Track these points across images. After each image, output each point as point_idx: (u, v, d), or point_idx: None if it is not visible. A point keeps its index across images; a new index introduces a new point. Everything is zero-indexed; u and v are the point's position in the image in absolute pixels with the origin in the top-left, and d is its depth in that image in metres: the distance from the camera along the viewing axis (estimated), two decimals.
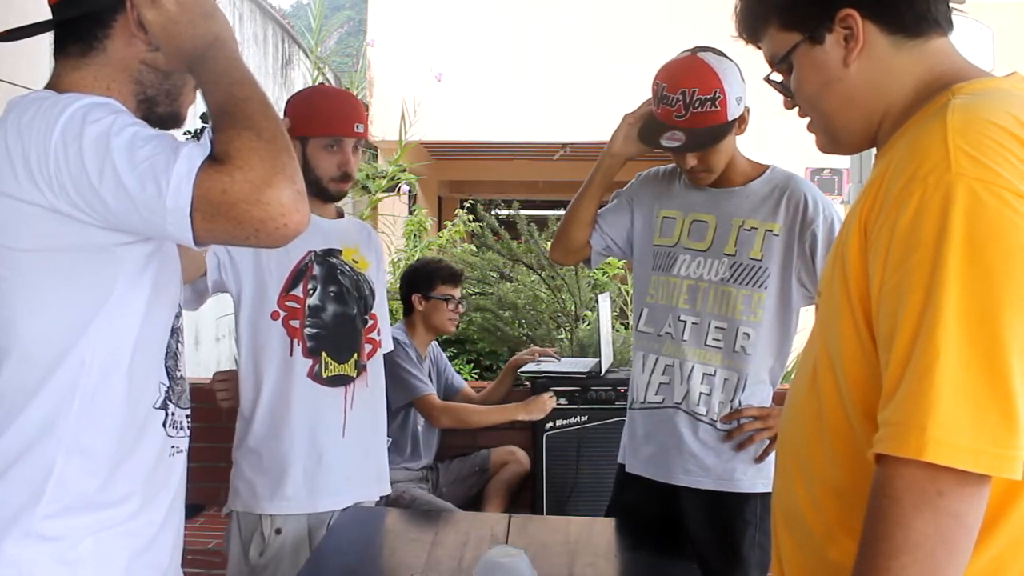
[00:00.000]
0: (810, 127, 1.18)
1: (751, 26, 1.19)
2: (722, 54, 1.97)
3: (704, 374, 2.02)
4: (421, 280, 3.38)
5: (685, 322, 2.04)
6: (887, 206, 0.95)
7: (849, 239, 1.02)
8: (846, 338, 1.02)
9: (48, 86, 1.21)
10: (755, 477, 2.00)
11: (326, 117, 2.11)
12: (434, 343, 3.57)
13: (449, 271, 3.42)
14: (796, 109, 1.19)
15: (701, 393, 2.03)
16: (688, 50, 1.98)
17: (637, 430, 2.12)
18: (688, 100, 1.92)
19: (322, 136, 2.10)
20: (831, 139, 1.16)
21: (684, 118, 1.94)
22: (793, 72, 1.14)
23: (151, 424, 1.23)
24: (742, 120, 2.00)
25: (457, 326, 3.54)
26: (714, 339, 2.02)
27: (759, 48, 1.20)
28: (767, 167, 2.10)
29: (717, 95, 1.92)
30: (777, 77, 1.18)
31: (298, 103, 2.17)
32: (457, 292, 3.36)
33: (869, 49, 1.07)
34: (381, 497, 2.30)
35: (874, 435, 0.93)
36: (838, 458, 1.05)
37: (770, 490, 1.94)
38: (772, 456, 1.96)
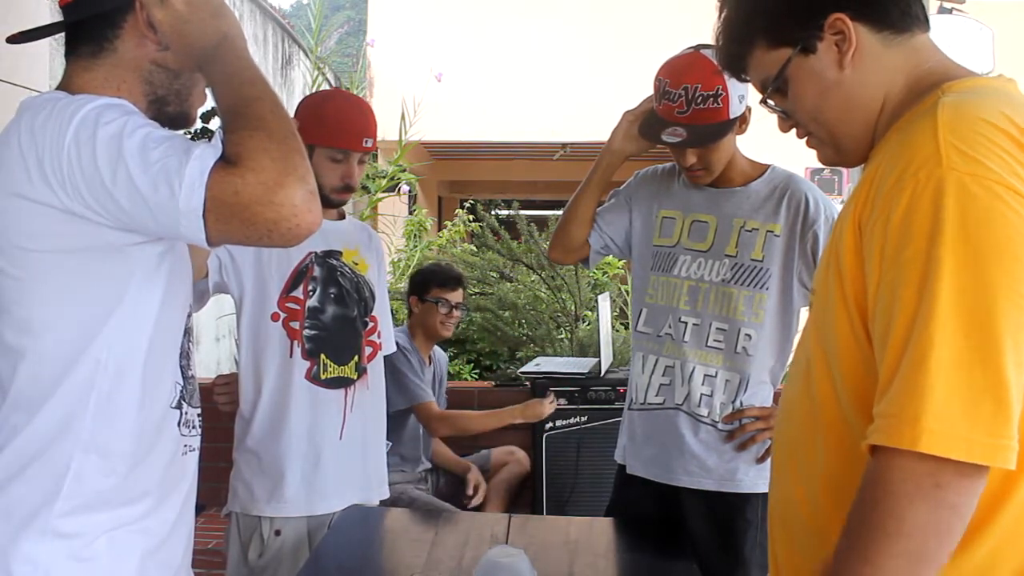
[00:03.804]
0: (811, 143, 1.17)
1: (736, 54, 1.18)
2: None
3: (705, 375, 2.02)
4: (418, 283, 3.40)
5: (686, 323, 2.03)
6: (879, 203, 0.95)
7: (843, 237, 1.02)
8: (842, 335, 1.02)
9: (59, 87, 1.21)
10: (756, 477, 1.99)
11: (335, 129, 2.07)
12: (444, 359, 3.58)
13: (444, 275, 3.41)
14: (794, 130, 1.18)
15: (702, 394, 2.02)
16: (691, 47, 1.97)
17: (637, 431, 2.12)
18: (690, 96, 1.90)
19: (329, 147, 2.07)
20: (836, 149, 1.15)
21: (686, 114, 1.92)
22: (789, 89, 1.13)
23: (167, 423, 1.24)
24: (743, 119, 1.99)
25: (456, 326, 3.53)
26: (715, 340, 2.01)
27: (746, 80, 1.20)
28: (767, 167, 2.09)
29: (720, 92, 1.90)
30: (774, 104, 1.17)
31: (309, 109, 2.14)
32: (453, 296, 3.33)
33: (861, 49, 1.08)
34: (380, 501, 2.29)
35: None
36: (833, 455, 1.05)
37: None
38: None
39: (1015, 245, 0.88)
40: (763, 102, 1.18)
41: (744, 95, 1.95)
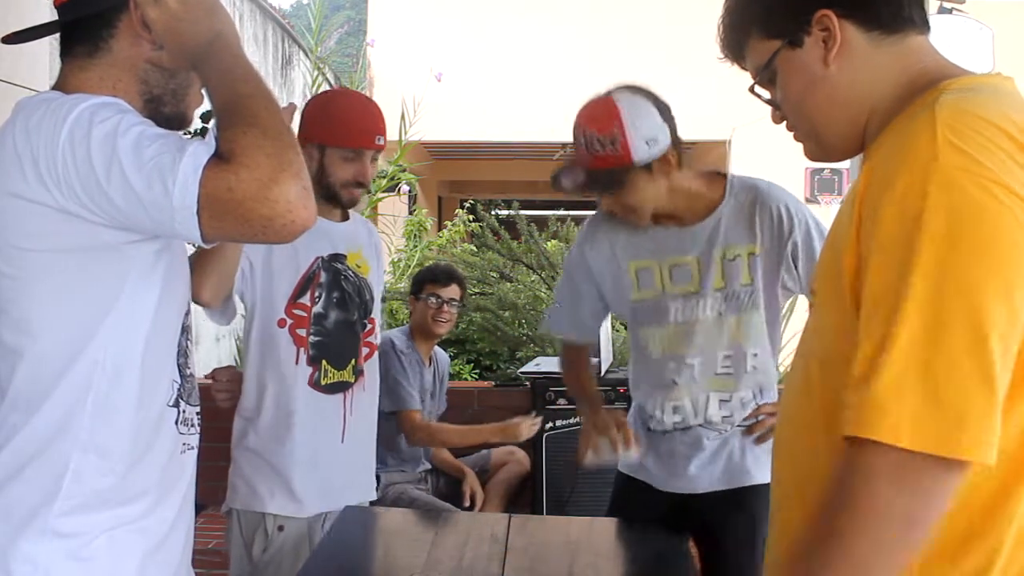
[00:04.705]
0: (797, 136, 1.18)
1: (735, 42, 1.19)
2: (648, 94, 1.90)
3: (720, 400, 2.01)
4: (414, 283, 3.47)
5: (692, 365, 2.00)
6: (875, 201, 0.95)
7: (845, 241, 1.00)
8: (841, 342, 0.99)
9: (55, 87, 1.21)
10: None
11: (348, 128, 2.07)
12: (446, 361, 3.59)
13: (436, 271, 3.46)
14: (785, 123, 1.19)
15: (722, 416, 2.01)
16: (609, 90, 1.91)
17: (659, 449, 2.08)
18: (587, 141, 1.87)
19: (340, 147, 2.06)
20: (818, 144, 1.15)
21: (586, 159, 1.89)
22: (777, 80, 1.14)
23: (165, 422, 1.24)
24: (666, 163, 1.89)
25: (456, 326, 3.54)
26: (724, 367, 2.00)
27: (744, 68, 1.20)
28: (724, 181, 2.01)
29: (616, 137, 1.84)
30: (764, 93, 1.18)
31: (320, 109, 2.14)
32: (444, 292, 3.33)
33: (848, 47, 1.07)
34: (379, 502, 2.30)
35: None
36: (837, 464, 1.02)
37: None
38: None
39: (1004, 243, 0.87)
40: (751, 89, 1.19)
41: (655, 139, 1.86)
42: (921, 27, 1.09)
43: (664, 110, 1.90)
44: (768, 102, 1.18)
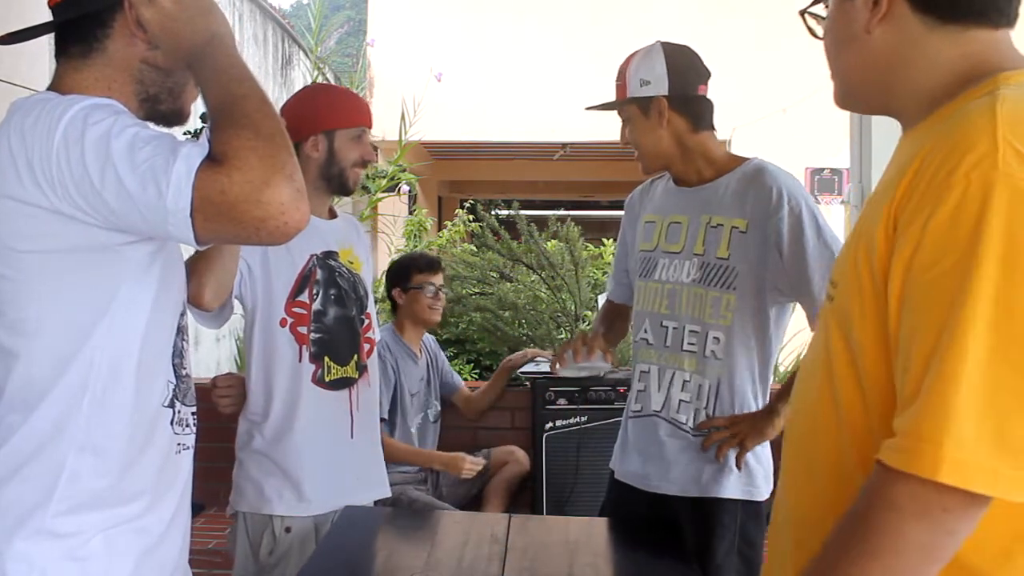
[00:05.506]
0: (831, 75, 1.15)
1: None
2: (676, 49, 2.03)
3: (683, 381, 1.97)
4: (398, 274, 3.40)
5: (667, 328, 2.00)
6: (922, 197, 0.89)
7: (876, 228, 0.95)
8: (873, 337, 0.96)
9: (50, 87, 1.21)
10: (737, 483, 1.94)
11: (351, 109, 2.20)
12: (432, 340, 3.57)
13: (424, 259, 3.46)
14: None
15: (681, 401, 1.97)
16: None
17: (627, 438, 2.10)
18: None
19: (351, 127, 2.17)
20: (844, 93, 1.14)
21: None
22: (827, 16, 1.13)
23: (160, 422, 1.24)
24: (659, 109, 1.98)
25: (456, 326, 3.53)
26: (690, 344, 1.97)
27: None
28: (746, 160, 2.02)
29: (623, 72, 2.05)
30: (819, 11, 1.15)
31: (320, 98, 2.24)
32: (436, 279, 3.34)
33: (896, 21, 1.03)
34: (380, 501, 2.30)
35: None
36: (863, 474, 0.98)
37: (752, 498, 1.89)
38: (754, 463, 1.94)
39: None
40: (802, 13, 1.16)
41: (648, 82, 1.99)
42: (998, 22, 1.02)
43: (680, 67, 1.99)
44: (810, 26, 1.16)
